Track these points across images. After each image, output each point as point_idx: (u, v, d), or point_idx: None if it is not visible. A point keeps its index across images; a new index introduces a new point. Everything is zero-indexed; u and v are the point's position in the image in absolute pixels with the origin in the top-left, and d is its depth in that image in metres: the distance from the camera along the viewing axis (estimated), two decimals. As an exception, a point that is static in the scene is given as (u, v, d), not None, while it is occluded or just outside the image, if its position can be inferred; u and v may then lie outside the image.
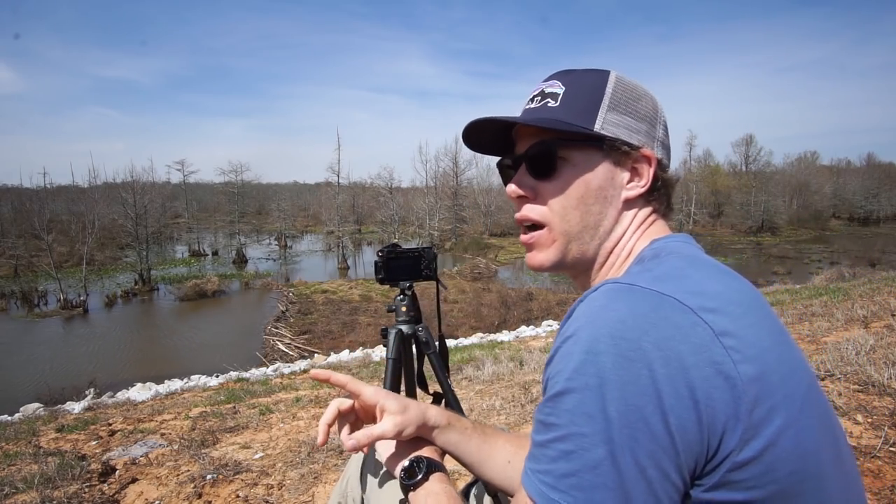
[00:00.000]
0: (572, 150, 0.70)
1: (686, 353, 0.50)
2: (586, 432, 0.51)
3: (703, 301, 0.54)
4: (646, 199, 0.73)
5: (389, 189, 42.68)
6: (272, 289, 27.27)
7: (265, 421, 3.92)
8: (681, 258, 0.63)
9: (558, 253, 0.73)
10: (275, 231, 50.03)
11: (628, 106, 0.71)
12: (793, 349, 0.59)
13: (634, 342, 0.51)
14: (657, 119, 0.73)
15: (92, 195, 40.66)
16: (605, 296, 0.56)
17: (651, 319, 0.52)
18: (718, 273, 0.61)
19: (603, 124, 0.70)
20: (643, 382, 0.50)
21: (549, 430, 0.54)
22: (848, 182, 63.29)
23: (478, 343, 11.06)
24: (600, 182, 0.71)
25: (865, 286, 6.58)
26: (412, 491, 0.80)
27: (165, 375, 11.99)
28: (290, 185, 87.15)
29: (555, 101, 0.72)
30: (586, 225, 0.71)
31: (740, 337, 0.53)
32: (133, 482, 2.71)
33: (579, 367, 0.52)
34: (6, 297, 26.18)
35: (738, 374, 0.51)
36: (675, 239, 0.70)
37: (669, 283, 0.56)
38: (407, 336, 1.21)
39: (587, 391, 0.51)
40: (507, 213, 53.45)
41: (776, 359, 0.54)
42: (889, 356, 2.89)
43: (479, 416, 3.17)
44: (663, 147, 0.74)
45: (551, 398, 0.54)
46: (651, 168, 0.71)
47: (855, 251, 36.02)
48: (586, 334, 0.53)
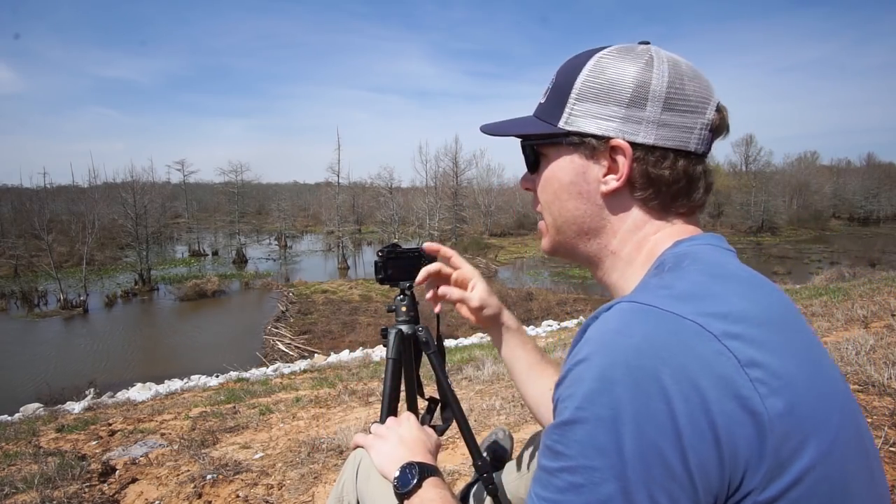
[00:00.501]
0: (546, 146, 0.70)
1: (708, 388, 0.47)
2: (597, 466, 0.48)
3: (727, 325, 0.50)
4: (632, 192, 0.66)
5: (389, 189, 42.66)
6: (272, 289, 27.29)
7: (265, 421, 3.92)
8: (705, 269, 0.57)
9: (552, 242, 0.74)
10: (275, 231, 50.05)
11: (600, 91, 0.65)
12: (825, 370, 0.55)
13: (652, 373, 0.47)
14: (647, 97, 0.63)
15: (92, 195, 40.67)
16: (619, 318, 0.52)
17: (670, 348, 0.48)
18: (746, 287, 0.56)
19: (569, 117, 0.66)
20: (661, 418, 0.46)
21: (558, 458, 0.51)
22: (848, 182, 63.25)
23: (478, 343, 11.06)
24: (571, 177, 0.68)
25: (865, 286, 6.57)
26: (407, 499, 0.79)
27: (165, 375, 12.00)
28: (290, 185, 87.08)
29: (544, 96, 0.72)
30: (566, 220, 0.70)
31: (767, 366, 0.49)
32: (133, 482, 2.71)
33: (591, 397, 0.49)
34: (6, 297, 26.19)
35: (766, 409, 0.47)
36: (701, 241, 0.64)
37: (690, 304, 0.51)
38: (407, 336, 1.21)
39: (599, 423, 0.48)
40: (507, 213, 53.53)
41: (807, 387, 0.50)
42: (889, 356, 2.89)
43: (479, 416, 3.17)
44: (663, 127, 0.63)
45: (560, 425, 0.51)
46: (626, 159, 0.63)
47: (855, 251, 36.02)
48: (600, 360, 0.50)
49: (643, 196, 0.65)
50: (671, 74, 0.63)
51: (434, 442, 0.94)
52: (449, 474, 2.35)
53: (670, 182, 0.64)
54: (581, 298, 22.13)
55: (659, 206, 0.66)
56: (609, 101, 0.64)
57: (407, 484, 0.80)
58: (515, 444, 1.73)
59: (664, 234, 0.66)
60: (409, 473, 0.81)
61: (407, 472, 0.82)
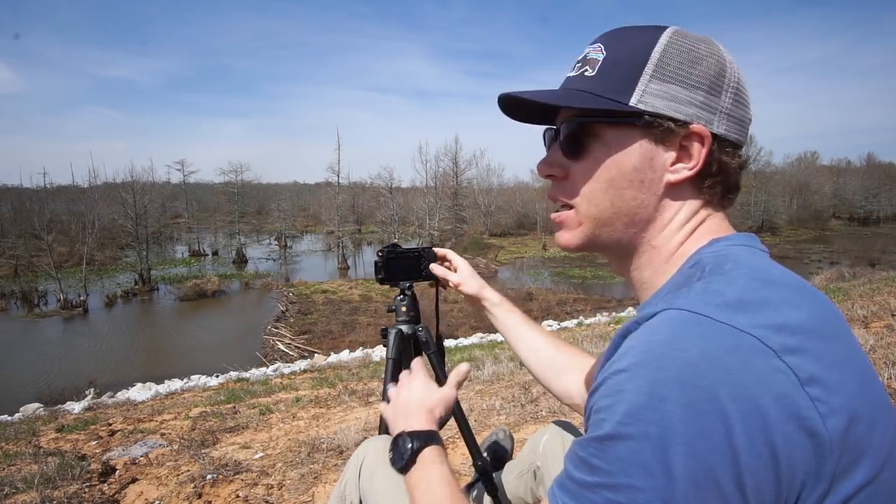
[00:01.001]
0: (605, 127, 0.62)
1: (768, 407, 0.44)
2: (643, 486, 0.45)
3: (785, 339, 0.47)
4: (697, 184, 0.62)
5: (389, 189, 42.66)
6: (272, 289, 27.29)
7: (265, 421, 3.92)
8: (753, 274, 0.54)
9: (584, 237, 0.66)
10: (275, 231, 50.04)
11: (680, 72, 0.60)
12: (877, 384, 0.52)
13: (708, 391, 0.44)
14: (722, 85, 0.60)
15: (92, 195, 40.62)
16: (668, 328, 0.49)
17: (728, 365, 0.45)
18: (798, 295, 0.52)
19: (642, 96, 0.60)
20: (717, 438, 0.43)
21: (594, 473, 0.47)
22: (848, 182, 63.23)
23: (478, 343, 11.07)
24: (636, 164, 0.61)
25: (865, 286, 6.57)
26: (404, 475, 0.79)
27: (165, 375, 11.99)
28: (290, 185, 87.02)
29: (592, 69, 0.63)
30: (617, 211, 0.63)
31: (827, 383, 0.46)
32: (133, 482, 2.71)
33: (638, 413, 0.45)
34: (6, 297, 26.18)
35: (826, 429, 0.45)
36: (739, 241, 0.61)
37: (746, 315, 0.48)
38: (407, 336, 1.21)
39: (646, 441, 0.45)
40: (507, 213, 53.52)
41: (864, 403, 0.48)
42: (889, 356, 2.89)
43: (479, 417, 3.16)
44: (731, 119, 0.61)
45: (598, 439, 0.48)
46: (704, 148, 0.59)
47: (855, 251, 36.03)
48: (648, 374, 0.46)
49: (705, 188, 0.62)
50: (737, 65, 0.62)
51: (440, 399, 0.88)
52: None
53: (731, 176, 0.62)
54: (581, 298, 22.13)
55: (714, 200, 0.63)
56: (689, 83, 0.60)
57: (401, 459, 0.78)
58: (515, 444, 1.73)
59: (704, 229, 0.63)
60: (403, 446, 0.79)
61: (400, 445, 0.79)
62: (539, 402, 3.32)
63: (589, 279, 26.82)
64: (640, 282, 0.67)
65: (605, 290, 24.47)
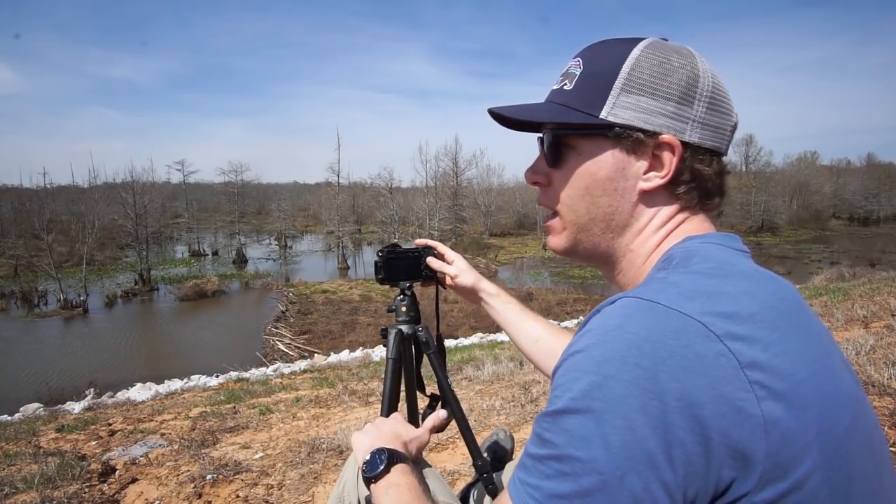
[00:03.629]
0: (578, 139, 0.65)
1: (704, 387, 0.47)
2: (583, 457, 0.48)
3: (732, 326, 0.49)
4: (671, 190, 0.64)
5: (389, 189, 42.65)
6: (272, 289, 27.28)
7: (265, 421, 3.92)
8: (714, 267, 0.56)
9: (568, 241, 0.70)
10: (275, 231, 50.04)
11: (649, 84, 0.62)
12: (836, 374, 0.53)
13: (649, 371, 0.47)
14: (694, 95, 0.62)
15: (92, 195, 40.61)
16: (621, 313, 0.52)
17: (670, 347, 0.48)
18: (756, 285, 0.55)
19: (613, 109, 0.62)
20: (652, 413, 0.46)
21: (545, 445, 0.51)
22: (848, 182, 63.25)
23: (478, 343, 11.06)
24: (608, 173, 0.64)
25: (865, 286, 6.57)
26: (373, 483, 0.79)
27: (165, 375, 11.99)
28: (290, 185, 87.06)
29: (570, 82, 0.66)
30: (593, 217, 0.66)
31: (770, 368, 0.48)
32: (133, 482, 2.71)
33: (585, 389, 0.49)
34: (6, 297, 26.18)
35: (762, 412, 0.47)
36: (713, 239, 0.63)
37: (696, 303, 0.50)
38: (407, 336, 1.21)
39: (589, 415, 0.48)
40: (507, 213, 53.52)
41: (813, 391, 0.50)
42: (889, 356, 2.89)
43: (479, 417, 3.16)
44: (705, 127, 0.63)
45: (551, 414, 0.51)
46: (674, 157, 0.62)
47: (855, 251, 36.03)
48: (598, 354, 0.50)
49: (680, 195, 0.65)
50: (713, 74, 0.64)
51: (414, 436, 0.93)
52: (449, 474, 2.35)
53: (705, 182, 0.64)
54: (581, 298, 22.13)
55: (690, 205, 0.66)
56: (659, 95, 0.62)
57: (374, 468, 0.80)
58: (516, 444, 1.73)
59: (680, 231, 0.65)
60: (378, 459, 0.81)
61: (376, 458, 0.81)
62: (539, 402, 3.32)
63: (589, 279, 26.80)
64: (624, 285, 0.69)
65: (605, 290, 24.45)
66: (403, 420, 0.97)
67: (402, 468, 0.80)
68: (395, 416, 0.99)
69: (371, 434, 0.91)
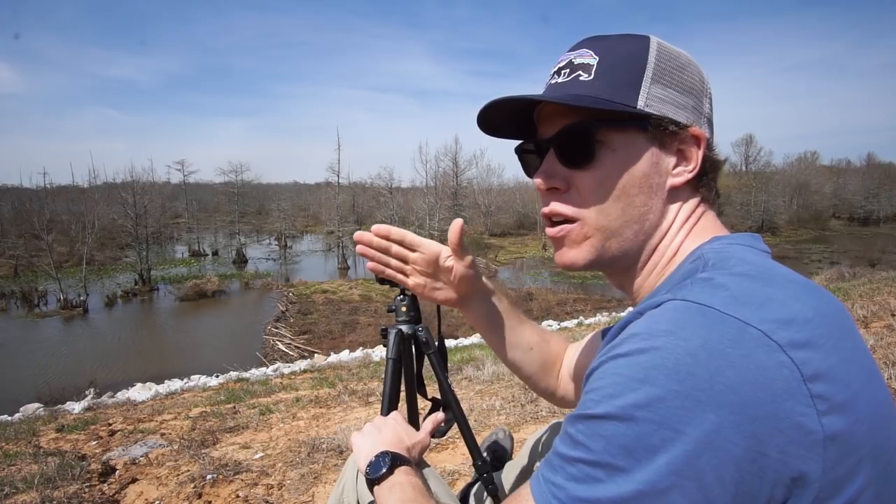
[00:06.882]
0: (612, 132, 0.60)
1: (764, 401, 0.43)
2: (623, 466, 0.45)
3: (792, 333, 0.45)
4: (693, 185, 0.63)
5: (389, 189, 42.68)
6: (272, 289, 27.29)
7: (265, 421, 3.92)
8: (758, 270, 0.52)
9: (593, 250, 0.63)
10: (275, 231, 50.02)
11: (673, 77, 0.61)
12: (882, 384, 0.51)
13: (705, 382, 0.43)
14: (704, 91, 0.63)
15: (92, 195, 40.60)
16: (672, 317, 0.48)
17: (729, 357, 0.44)
18: (801, 290, 0.51)
19: (647, 100, 0.59)
20: (705, 428, 0.43)
21: (578, 448, 0.48)
22: (848, 182, 63.25)
23: (478, 343, 11.06)
24: (645, 169, 0.60)
25: (865, 286, 6.57)
26: (377, 485, 0.79)
27: (165, 375, 11.98)
28: (290, 185, 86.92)
29: (587, 73, 0.61)
30: (628, 219, 0.61)
31: (831, 379, 0.45)
32: (133, 482, 2.71)
33: (630, 396, 0.45)
34: (6, 297, 26.18)
35: (822, 427, 0.44)
36: (741, 241, 0.60)
37: (752, 308, 0.47)
38: (407, 336, 1.21)
39: (633, 424, 0.44)
40: (507, 213, 53.51)
41: (867, 403, 0.47)
42: (889, 356, 2.89)
43: (479, 416, 3.16)
44: (709, 124, 0.64)
45: (589, 418, 0.48)
46: (700, 150, 0.61)
47: (855, 251, 36.01)
48: (645, 360, 0.46)
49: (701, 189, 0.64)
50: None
51: (416, 440, 0.91)
52: (449, 474, 2.35)
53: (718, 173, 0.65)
54: (581, 298, 22.15)
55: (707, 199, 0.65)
56: (682, 88, 0.61)
57: (378, 470, 0.79)
58: (515, 444, 1.74)
59: (700, 227, 0.64)
60: (382, 461, 0.80)
61: (379, 460, 0.81)
62: (539, 402, 3.32)
63: (589, 279, 26.77)
64: (642, 287, 0.66)
65: (605, 290, 24.45)
66: (403, 420, 0.97)
67: (406, 469, 0.80)
68: (395, 415, 0.98)
69: (372, 437, 0.90)
